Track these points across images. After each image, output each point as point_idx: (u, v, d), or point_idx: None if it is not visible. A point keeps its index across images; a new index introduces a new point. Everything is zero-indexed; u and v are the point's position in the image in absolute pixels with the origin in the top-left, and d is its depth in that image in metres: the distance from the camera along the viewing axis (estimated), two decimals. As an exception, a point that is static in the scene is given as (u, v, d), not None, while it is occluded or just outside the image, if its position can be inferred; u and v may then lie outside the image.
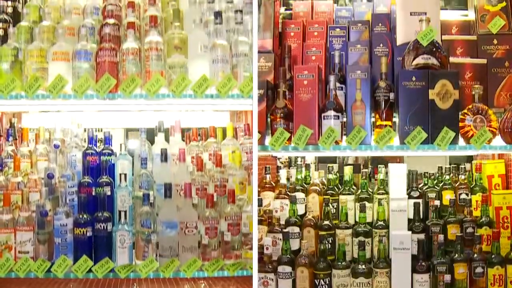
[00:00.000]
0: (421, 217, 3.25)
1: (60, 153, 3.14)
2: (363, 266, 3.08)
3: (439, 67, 2.99)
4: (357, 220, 3.31)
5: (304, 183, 3.50)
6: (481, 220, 3.20)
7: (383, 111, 2.97)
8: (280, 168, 3.74)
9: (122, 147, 3.06)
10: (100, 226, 2.81)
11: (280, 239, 3.17)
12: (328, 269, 3.08)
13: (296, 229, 3.26)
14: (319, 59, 3.18)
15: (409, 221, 3.24)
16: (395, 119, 3.06)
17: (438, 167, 3.57)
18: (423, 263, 3.05)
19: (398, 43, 3.20)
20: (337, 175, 3.55)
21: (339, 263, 3.09)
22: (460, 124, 2.95)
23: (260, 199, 3.33)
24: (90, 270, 2.81)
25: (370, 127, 2.97)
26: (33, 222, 2.81)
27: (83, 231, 2.78)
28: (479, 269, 3.02)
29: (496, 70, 3.16)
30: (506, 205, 3.23)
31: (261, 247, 3.12)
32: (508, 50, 3.27)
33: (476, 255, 3.04)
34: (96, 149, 3.11)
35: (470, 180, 3.49)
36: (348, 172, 3.45)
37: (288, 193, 3.42)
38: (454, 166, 3.53)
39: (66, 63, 2.85)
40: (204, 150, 3.30)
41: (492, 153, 3.43)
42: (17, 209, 2.89)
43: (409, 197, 3.31)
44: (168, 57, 2.91)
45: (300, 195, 3.40)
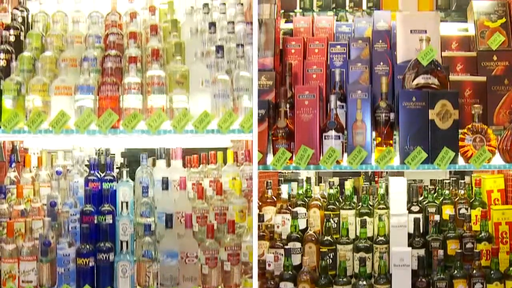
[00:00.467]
0: (421, 232, 3.29)
1: (62, 176, 3.18)
2: (364, 282, 3.12)
3: (439, 86, 3.01)
4: (358, 235, 3.35)
5: (305, 198, 3.53)
6: (480, 235, 3.23)
7: (383, 131, 3.00)
8: (281, 181, 3.77)
9: (123, 173, 3.10)
10: (102, 256, 2.84)
11: (282, 254, 3.21)
12: (329, 285, 3.12)
13: (298, 245, 3.30)
14: (320, 77, 3.21)
15: (409, 235, 3.27)
16: (396, 136, 3.10)
17: (438, 181, 3.60)
18: (423, 279, 3.09)
19: (399, 61, 3.22)
20: (338, 188, 3.59)
21: (340, 279, 3.13)
22: (460, 143, 2.98)
23: (262, 215, 3.37)
24: (92, 299, 2.86)
25: (371, 147, 3.00)
26: (36, 252, 2.85)
27: (85, 261, 2.82)
28: (478, 285, 3.06)
29: (496, 87, 3.19)
30: (505, 220, 3.26)
31: (263, 262, 3.17)
32: (508, 66, 3.31)
33: (475, 271, 3.08)
34: (98, 175, 3.13)
35: (470, 194, 3.53)
36: (349, 186, 3.48)
37: (289, 207, 3.46)
38: (454, 179, 3.57)
39: (69, 97, 2.88)
40: (205, 176, 3.33)
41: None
42: (20, 236, 2.92)
43: (410, 212, 3.35)
44: (170, 91, 2.93)
45: (301, 210, 3.44)
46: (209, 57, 3.03)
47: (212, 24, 3.11)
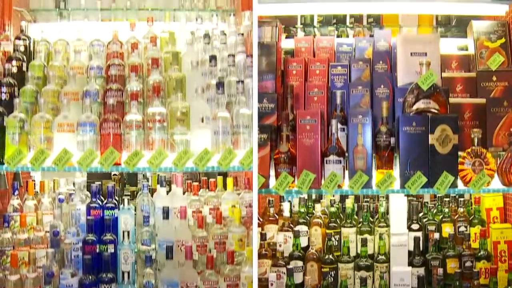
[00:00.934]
0: (421, 250, 3.34)
1: (65, 201, 3.23)
2: (365, 301, 3.18)
3: (439, 110, 3.05)
4: (359, 252, 3.41)
5: (306, 215, 3.58)
6: (479, 254, 3.28)
7: (384, 154, 3.04)
8: (283, 198, 3.81)
9: (125, 201, 3.14)
10: (104, 287, 2.91)
11: (284, 273, 3.27)
12: (331, 304, 3.20)
13: (300, 263, 3.36)
14: (321, 100, 3.24)
15: (409, 253, 3.33)
16: (396, 158, 3.14)
17: (438, 197, 3.65)
18: (423, 298, 3.16)
19: (399, 83, 3.26)
20: (339, 205, 3.63)
21: (342, 298, 3.19)
22: (460, 167, 3.02)
23: (264, 234, 3.42)
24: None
25: (372, 170, 3.04)
26: (39, 282, 2.89)
27: (88, 292, 2.89)
28: (477, 304, 3.12)
29: (495, 109, 3.22)
30: (503, 239, 3.32)
31: (266, 280, 3.23)
32: (507, 86, 3.33)
33: (474, 290, 3.14)
34: (100, 202, 3.19)
35: (469, 210, 3.58)
36: (350, 204, 3.53)
37: (291, 225, 3.51)
38: (453, 196, 3.61)
39: (71, 133, 2.92)
40: (205, 203, 3.37)
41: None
42: (23, 264, 2.98)
43: (410, 229, 3.40)
44: (171, 128, 2.97)
45: (303, 228, 3.49)
46: (210, 90, 3.07)
47: (212, 57, 3.15)
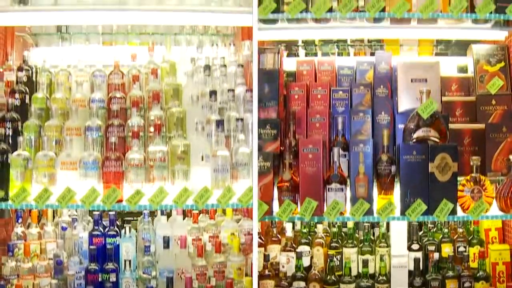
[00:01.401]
0: (421, 270, 3.42)
1: (68, 228, 3.30)
2: (366, 322, 3.27)
3: (439, 138, 3.10)
4: (360, 272, 3.48)
5: (308, 236, 3.65)
6: (478, 274, 3.36)
7: (385, 181, 3.10)
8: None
9: (126, 229, 3.23)
10: None
11: (287, 293, 3.36)
12: (333, 326, 3.28)
13: (302, 284, 3.42)
14: (323, 126, 3.30)
15: (409, 273, 3.41)
16: (397, 183, 3.20)
17: (438, 216, 3.71)
18: (423, 319, 3.24)
19: (400, 109, 3.31)
20: (341, 224, 3.70)
21: (344, 319, 3.28)
22: (459, 194, 3.08)
23: (268, 255, 3.49)
24: None
25: (373, 197, 3.10)
26: None
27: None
28: (476, 324, 3.21)
29: (494, 135, 3.27)
30: (502, 260, 3.39)
31: (269, 300, 3.32)
32: (506, 110, 3.39)
33: (473, 312, 3.23)
34: (102, 229, 3.27)
35: (469, 229, 3.65)
36: (351, 224, 3.60)
37: (293, 245, 3.58)
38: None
39: (74, 171, 2.99)
40: (205, 230, 3.43)
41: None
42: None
43: (410, 250, 3.47)
44: (172, 165, 3.04)
45: (305, 248, 3.56)
46: (210, 124, 3.13)
47: (213, 93, 3.21)
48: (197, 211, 3.42)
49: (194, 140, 3.08)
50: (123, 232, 3.28)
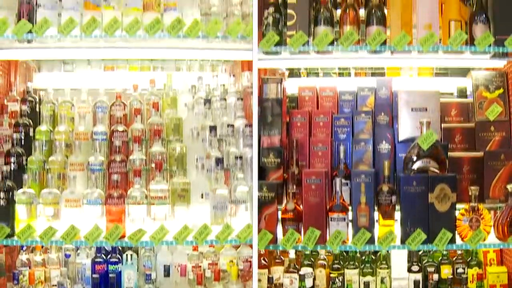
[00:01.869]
0: (421, 292, 3.52)
1: (71, 256, 3.42)
2: None
3: (439, 168, 3.18)
4: (362, 292, 3.58)
5: (311, 257, 3.74)
6: (476, 297, 3.47)
7: (386, 210, 3.18)
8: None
9: (128, 255, 3.34)
10: None
11: (291, 315, 3.46)
12: None
13: (305, 306, 3.54)
14: (325, 155, 3.38)
15: (410, 293, 3.52)
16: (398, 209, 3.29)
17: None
18: None
19: (401, 136, 3.39)
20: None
21: None
22: (457, 223, 3.17)
23: (271, 277, 3.58)
24: None
25: (374, 226, 3.19)
26: None
27: None
28: None
29: (492, 163, 3.35)
30: (499, 283, 3.48)
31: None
32: (504, 137, 3.46)
33: (471, 334, 3.33)
34: (104, 256, 3.38)
35: (467, 250, 3.73)
36: (353, 247, 3.69)
37: (296, 266, 3.67)
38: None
39: (78, 208, 3.11)
40: (204, 257, 3.50)
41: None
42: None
43: (409, 271, 3.56)
44: (172, 203, 3.15)
45: (308, 270, 3.65)
46: (210, 159, 3.22)
47: (213, 128, 3.30)
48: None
49: (194, 177, 3.21)
50: (124, 256, 3.39)
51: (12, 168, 3.18)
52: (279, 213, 3.25)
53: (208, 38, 3.11)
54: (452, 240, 3.13)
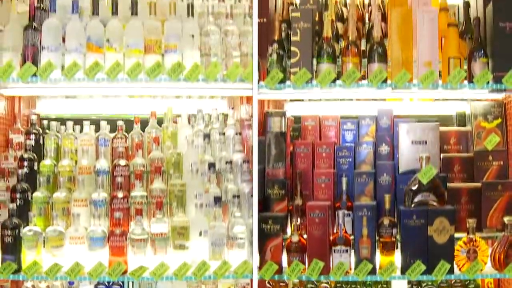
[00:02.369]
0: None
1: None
2: None
3: (438, 201, 3.30)
4: (363, 315, 3.73)
5: (314, 281, 3.87)
6: (474, 321, 3.61)
7: (387, 242, 3.31)
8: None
9: (129, 284, 3.51)
10: None
11: (296, 337, 3.61)
12: None
13: (310, 328, 3.69)
14: (328, 186, 3.49)
15: (410, 316, 3.65)
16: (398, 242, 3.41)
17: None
18: None
19: (401, 169, 3.49)
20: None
21: None
22: (455, 253, 3.29)
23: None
24: None
25: (376, 256, 3.31)
26: None
27: None
28: None
29: (489, 193, 3.46)
30: (497, 307, 3.63)
31: None
32: (502, 166, 3.57)
33: None
34: (106, 283, 3.52)
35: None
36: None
37: (300, 290, 3.81)
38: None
39: (82, 245, 3.25)
40: (203, 284, 3.61)
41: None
42: None
43: (410, 294, 3.72)
44: (173, 239, 3.28)
45: (311, 293, 3.80)
46: (208, 194, 3.34)
47: (211, 165, 3.42)
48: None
49: (193, 214, 3.35)
50: (126, 284, 3.54)
51: (18, 204, 3.31)
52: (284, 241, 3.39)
53: (207, 81, 3.22)
54: (451, 271, 3.25)
